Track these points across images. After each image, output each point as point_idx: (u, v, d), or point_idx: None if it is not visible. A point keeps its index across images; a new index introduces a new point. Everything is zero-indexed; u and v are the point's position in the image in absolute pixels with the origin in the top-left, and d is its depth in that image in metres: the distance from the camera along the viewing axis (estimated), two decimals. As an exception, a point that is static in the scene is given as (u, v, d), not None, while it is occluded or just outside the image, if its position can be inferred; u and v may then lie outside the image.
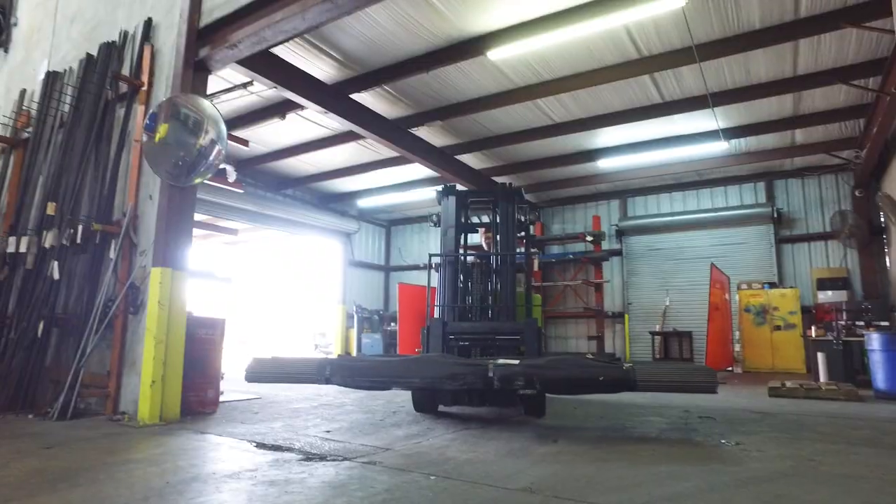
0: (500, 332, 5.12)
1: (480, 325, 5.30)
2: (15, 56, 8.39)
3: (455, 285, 5.57)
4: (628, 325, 13.00)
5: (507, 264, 5.55)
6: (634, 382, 3.74)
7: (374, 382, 4.13)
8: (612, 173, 12.20)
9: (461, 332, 5.20)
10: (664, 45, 7.30)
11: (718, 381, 3.82)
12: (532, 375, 3.86)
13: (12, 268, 6.15)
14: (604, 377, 3.80)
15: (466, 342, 5.19)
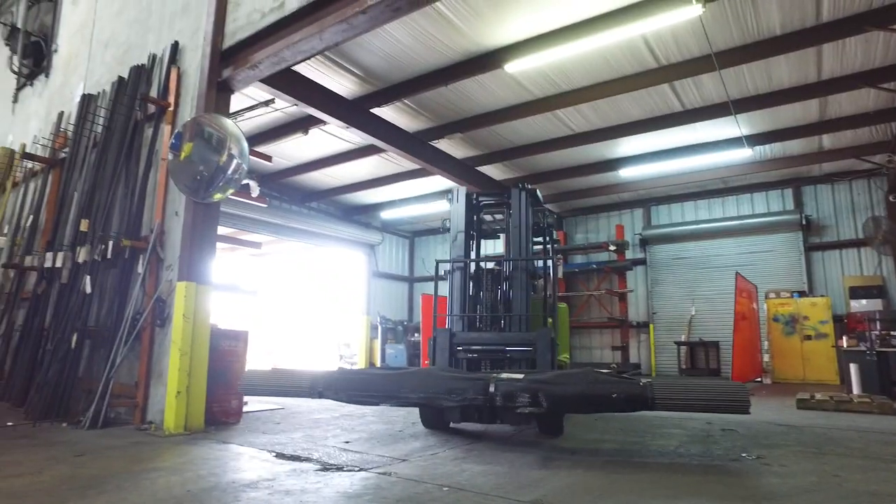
0: (510, 343, 4.75)
1: (490, 336, 4.90)
2: (55, 80, 8.80)
3: (464, 293, 5.24)
4: (653, 335, 12.82)
5: (519, 270, 5.13)
6: (652, 401, 3.36)
7: (368, 398, 3.92)
8: (635, 182, 12.10)
9: (469, 343, 4.87)
10: (683, 54, 7.26)
11: (749, 399, 3.29)
12: (537, 392, 3.56)
13: (49, 282, 6.42)
14: (616, 394, 3.43)
15: (475, 354, 4.86)
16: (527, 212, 5.27)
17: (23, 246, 7.48)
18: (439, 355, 4.80)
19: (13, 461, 3.45)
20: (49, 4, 9.57)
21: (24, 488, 2.82)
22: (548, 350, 4.51)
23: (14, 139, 9.31)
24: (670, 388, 3.43)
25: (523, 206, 5.28)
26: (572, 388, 3.57)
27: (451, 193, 5.58)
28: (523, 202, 5.30)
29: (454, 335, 4.90)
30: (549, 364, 4.44)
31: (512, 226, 5.33)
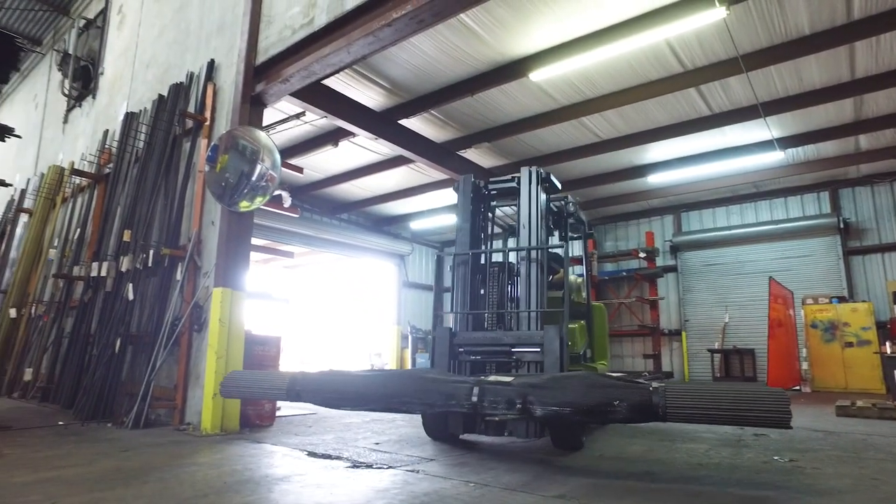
0: (516, 343, 4.19)
1: (494, 336, 4.33)
2: (101, 101, 9.27)
3: (467, 289, 4.66)
4: (686, 343, 12.59)
5: (529, 261, 4.47)
6: (663, 410, 2.82)
7: (342, 401, 3.61)
8: (664, 188, 11.98)
9: (471, 344, 4.37)
10: (708, 58, 7.23)
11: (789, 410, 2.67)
12: (527, 398, 3.09)
13: (95, 290, 6.74)
14: (619, 401, 2.91)
15: (478, 356, 4.38)
16: (537, 195, 4.59)
17: (71, 257, 7.87)
18: (438, 358, 4.38)
19: (66, 454, 3.66)
20: (97, 31, 10.12)
21: (77, 477, 3.01)
22: (557, 350, 3.94)
23: (64, 157, 9.83)
24: (688, 395, 2.84)
25: (533, 189, 4.63)
26: (567, 395, 3.05)
27: (458, 182, 5.04)
28: (533, 184, 4.64)
29: (454, 335, 4.43)
30: (557, 367, 3.92)
31: (521, 212, 4.60)
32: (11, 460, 3.46)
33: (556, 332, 4.00)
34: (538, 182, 4.64)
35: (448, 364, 4.34)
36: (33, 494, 2.66)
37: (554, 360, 3.95)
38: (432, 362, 4.46)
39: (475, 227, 4.89)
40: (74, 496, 2.63)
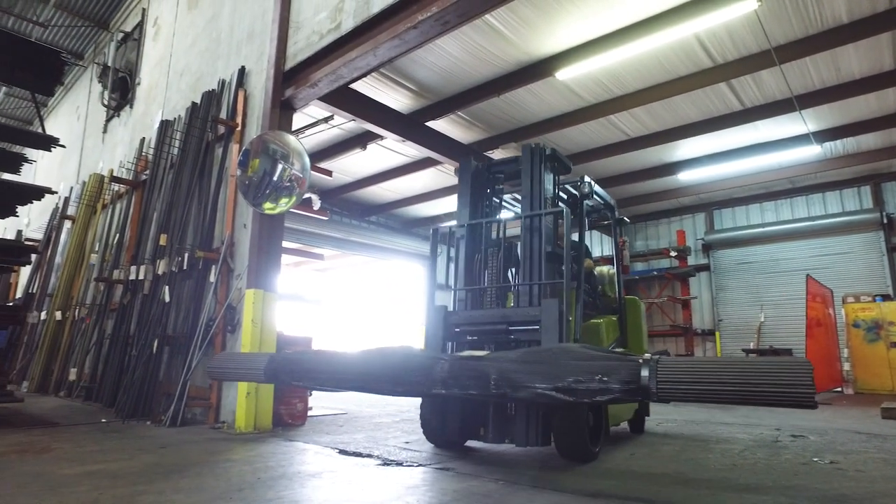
0: (513, 321, 3.78)
1: (490, 314, 3.96)
2: (137, 110, 9.59)
3: (466, 266, 4.34)
4: (720, 343, 12.31)
5: (530, 233, 4.05)
6: (654, 387, 2.41)
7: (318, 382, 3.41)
8: (696, 186, 11.75)
9: (466, 323, 4.04)
10: (739, 51, 7.08)
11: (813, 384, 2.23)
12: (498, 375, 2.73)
13: (133, 293, 6.97)
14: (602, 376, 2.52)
15: (474, 336, 4.06)
16: (540, 172, 4.20)
17: (111, 261, 8.15)
18: (430, 338, 4.05)
19: (109, 450, 3.80)
20: (134, 43, 10.48)
21: (120, 471, 3.12)
22: (555, 326, 3.48)
23: (104, 165, 10.19)
24: (686, 369, 2.42)
25: (536, 167, 4.24)
26: (542, 369, 2.66)
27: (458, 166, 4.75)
28: (536, 161, 4.26)
29: (449, 314, 4.09)
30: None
31: (524, 190, 4.25)
32: (60, 454, 3.61)
33: (555, 305, 3.54)
34: (542, 159, 4.23)
35: (442, 345, 3.98)
36: (81, 486, 2.77)
37: (552, 337, 3.49)
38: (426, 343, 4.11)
39: (477, 211, 4.54)
40: (118, 488, 2.73)
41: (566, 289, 3.63)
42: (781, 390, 2.22)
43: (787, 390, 2.21)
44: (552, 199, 4.26)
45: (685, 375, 2.40)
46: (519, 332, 3.81)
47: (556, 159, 4.34)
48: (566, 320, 3.52)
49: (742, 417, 6.05)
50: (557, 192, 4.40)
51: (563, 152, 10.41)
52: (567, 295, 3.60)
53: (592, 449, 3.59)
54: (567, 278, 3.72)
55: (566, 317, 3.52)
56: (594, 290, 4.98)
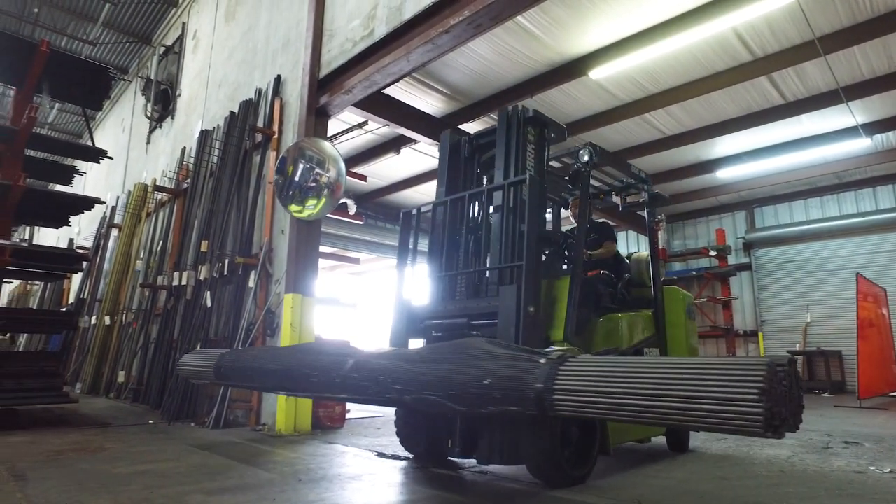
0: (475, 314, 3.35)
1: (453, 307, 3.52)
2: (178, 121, 9.91)
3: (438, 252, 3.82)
4: (763, 344, 11.91)
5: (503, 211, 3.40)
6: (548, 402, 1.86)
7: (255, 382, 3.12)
8: (735, 183, 11.43)
9: (430, 317, 3.60)
10: (780, 43, 6.85)
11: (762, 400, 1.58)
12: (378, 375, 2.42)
13: (177, 298, 7.19)
14: (490, 381, 2.02)
15: (440, 331, 3.57)
16: (519, 141, 3.54)
17: (155, 267, 8.44)
18: (394, 335, 3.62)
19: (157, 450, 3.93)
20: (174, 56, 10.84)
21: (168, 471, 3.22)
22: (512, 320, 2.97)
23: (147, 175, 10.56)
24: (596, 374, 1.83)
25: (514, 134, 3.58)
26: (431, 369, 2.26)
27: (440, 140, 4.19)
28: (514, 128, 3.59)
29: (413, 308, 3.67)
30: (511, 339, 2.94)
31: (497, 163, 3.63)
32: (112, 454, 3.75)
33: (512, 294, 3.02)
34: (520, 124, 3.57)
35: (404, 342, 3.60)
36: (133, 484, 2.88)
37: (508, 330, 2.98)
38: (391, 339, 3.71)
39: (455, 190, 3.95)
40: (167, 488, 2.82)
41: (525, 274, 3.04)
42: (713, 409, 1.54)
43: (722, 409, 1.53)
44: (539, 171, 3.55)
45: (594, 383, 1.80)
46: (483, 327, 3.29)
47: (543, 124, 3.66)
48: (524, 311, 2.96)
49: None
50: (547, 162, 3.69)
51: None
52: (526, 281, 3.02)
53: (571, 471, 2.96)
54: (529, 260, 3.08)
55: (525, 307, 2.97)
56: (618, 280, 4.30)
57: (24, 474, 3.06)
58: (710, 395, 1.56)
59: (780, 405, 1.52)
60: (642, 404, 1.69)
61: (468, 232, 3.74)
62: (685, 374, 1.67)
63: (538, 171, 3.53)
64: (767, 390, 1.48)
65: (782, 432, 1.53)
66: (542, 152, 3.63)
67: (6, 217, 5.63)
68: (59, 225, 7.10)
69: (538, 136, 3.62)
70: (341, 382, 2.52)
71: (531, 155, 3.51)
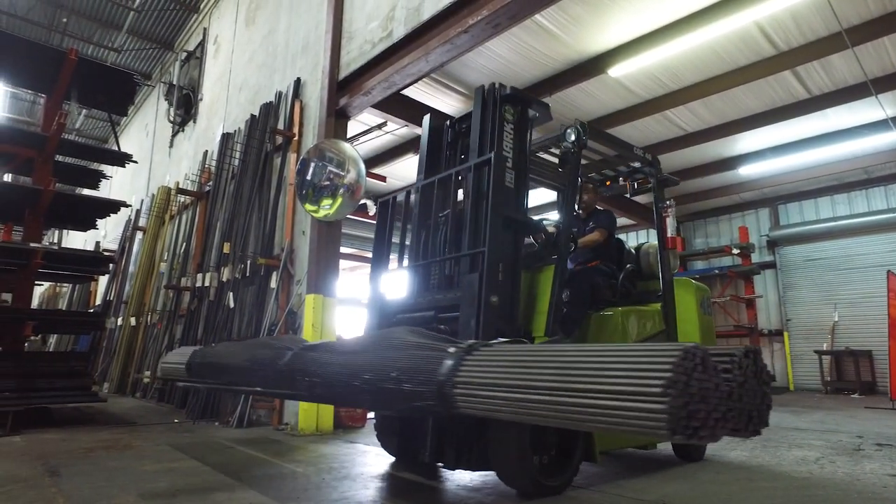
0: (440, 307, 3.11)
1: (420, 300, 3.30)
2: (200, 124, 10.07)
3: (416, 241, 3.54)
4: (788, 344, 11.68)
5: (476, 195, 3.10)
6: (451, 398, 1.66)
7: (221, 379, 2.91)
8: (758, 180, 11.22)
9: (401, 311, 3.37)
10: (805, 36, 6.72)
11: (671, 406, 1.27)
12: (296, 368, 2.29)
13: (200, 299, 7.31)
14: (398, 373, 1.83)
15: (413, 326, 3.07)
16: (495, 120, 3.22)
17: (179, 269, 8.59)
18: (367, 330, 3.40)
19: (183, 448, 4.00)
20: (196, 61, 11.02)
21: (192, 469, 3.28)
22: (472, 312, 2.77)
23: (170, 178, 10.75)
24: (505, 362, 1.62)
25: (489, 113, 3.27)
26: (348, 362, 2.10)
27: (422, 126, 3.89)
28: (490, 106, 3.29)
29: (386, 302, 3.46)
30: (472, 331, 2.74)
31: (471, 144, 3.34)
32: (140, 451, 3.83)
33: (474, 283, 2.81)
34: (497, 102, 3.26)
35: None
36: (160, 482, 2.93)
37: (468, 323, 2.75)
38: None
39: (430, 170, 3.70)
40: (193, 486, 2.87)
41: (487, 261, 2.79)
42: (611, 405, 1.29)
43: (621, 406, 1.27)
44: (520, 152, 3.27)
45: (495, 375, 1.58)
46: (450, 321, 3.02)
47: (523, 101, 3.36)
48: (485, 302, 2.72)
49: (816, 423, 5.72)
50: (529, 142, 3.39)
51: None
52: (488, 269, 2.78)
53: (545, 481, 2.71)
54: (492, 247, 2.83)
55: (487, 297, 2.73)
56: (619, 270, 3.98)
57: (58, 470, 3.14)
58: (610, 388, 1.31)
59: (704, 402, 1.25)
60: (540, 400, 1.43)
61: (442, 219, 3.44)
62: (587, 362, 1.43)
63: (518, 153, 3.24)
64: (677, 383, 1.20)
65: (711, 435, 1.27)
66: (524, 133, 3.34)
67: (38, 221, 5.78)
68: (86, 228, 7.28)
69: (518, 116, 3.32)
70: (276, 377, 2.39)
71: (509, 135, 3.23)
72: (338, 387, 2.06)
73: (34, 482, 2.85)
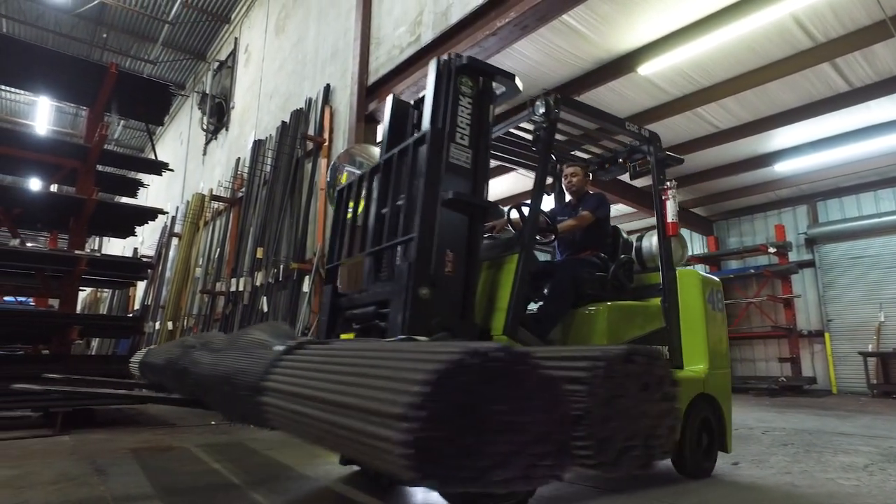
0: (380, 301, 2.78)
1: (367, 294, 2.98)
2: (232, 132, 10.31)
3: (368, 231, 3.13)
4: (830, 345, 11.30)
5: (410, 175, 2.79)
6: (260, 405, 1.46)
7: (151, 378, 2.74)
8: (795, 176, 10.89)
9: (350, 306, 3.07)
10: (845, 26, 6.50)
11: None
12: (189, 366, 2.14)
13: (234, 303, 7.47)
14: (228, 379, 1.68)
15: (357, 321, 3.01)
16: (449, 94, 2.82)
17: (213, 274, 8.80)
18: (321, 327, 3.22)
19: (220, 450, 4.10)
20: (228, 70, 11.29)
21: (232, 470, 3.35)
22: (400, 308, 2.47)
23: (204, 185, 11.02)
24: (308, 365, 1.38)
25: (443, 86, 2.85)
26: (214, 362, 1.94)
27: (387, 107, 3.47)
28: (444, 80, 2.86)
29: (338, 295, 3.19)
30: (399, 326, 2.44)
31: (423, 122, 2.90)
32: (180, 453, 3.93)
33: (403, 274, 2.51)
34: (450, 75, 2.85)
35: (328, 331, 3.17)
36: (200, 482, 3.01)
37: (396, 319, 2.49)
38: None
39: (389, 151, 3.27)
40: (231, 486, 2.93)
41: (417, 249, 2.51)
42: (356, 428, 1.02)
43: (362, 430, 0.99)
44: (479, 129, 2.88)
45: (298, 382, 1.32)
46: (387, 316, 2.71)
47: (482, 73, 2.94)
48: (413, 295, 2.44)
49: (863, 428, 5.52)
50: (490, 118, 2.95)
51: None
52: (418, 258, 2.49)
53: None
54: (423, 233, 2.53)
55: (415, 289, 2.44)
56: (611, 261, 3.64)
57: (105, 469, 3.25)
58: (359, 403, 1.01)
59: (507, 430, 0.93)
60: (316, 416, 1.15)
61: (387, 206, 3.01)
62: (355, 367, 1.16)
63: (477, 129, 2.86)
64: (433, 402, 0.87)
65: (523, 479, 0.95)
66: (484, 107, 2.92)
67: (81, 229, 6.00)
68: (126, 235, 7.51)
69: (479, 89, 2.91)
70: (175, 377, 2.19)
71: (466, 110, 2.83)
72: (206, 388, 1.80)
73: (84, 480, 2.96)
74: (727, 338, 3.66)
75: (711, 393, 3.31)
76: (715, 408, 3.34)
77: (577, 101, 3.40)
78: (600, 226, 3.72)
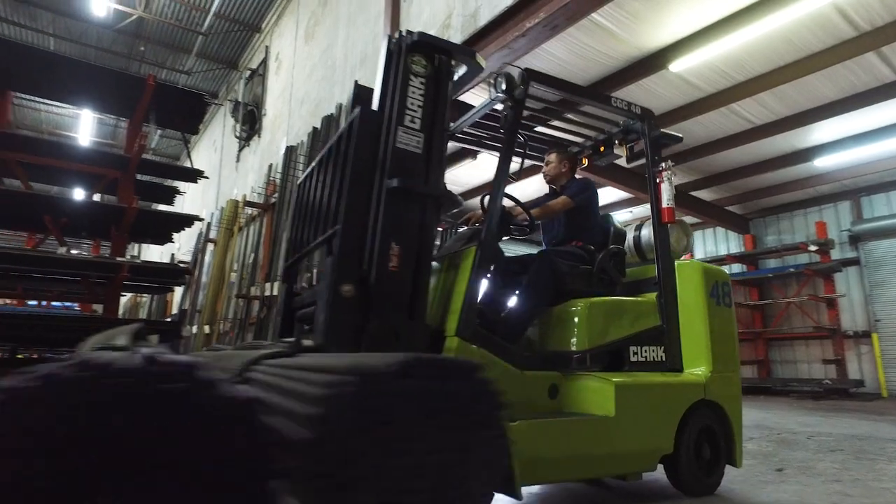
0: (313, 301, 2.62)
1: (311, 292, 2.85)
2: (265, 139, 10.51)
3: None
4: (878, 346, 10.86)
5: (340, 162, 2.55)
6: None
7: None
8: (836, 171, 10.52)
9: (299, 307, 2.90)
10: (892, 13, 6.23)
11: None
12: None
13: (269, 308, 7.60)
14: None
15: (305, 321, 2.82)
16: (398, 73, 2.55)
17: (248, 279, 8.96)
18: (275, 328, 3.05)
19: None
20: (259, 78, 11.53)
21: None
22: (322, 308, 2.26)
23: (238, 192, 11.26)
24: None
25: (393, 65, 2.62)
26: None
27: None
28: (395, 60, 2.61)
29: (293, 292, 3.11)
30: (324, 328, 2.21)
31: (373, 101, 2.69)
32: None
33: (330, 272, 2.28)
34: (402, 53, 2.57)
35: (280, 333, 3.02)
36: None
37: (319, 317, 2.28)
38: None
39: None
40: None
41: (340, 242, 2.30)
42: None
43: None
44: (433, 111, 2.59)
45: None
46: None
47: (436, 50, 2.65)
48: (335, 292, 2.23)
49: (915, 432, 5.29)
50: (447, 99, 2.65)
51: (682, 147, 9.69)
52: (341, 252, 2.29)
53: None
54: (348, 224, 2.33)
55: (337, 286, 2.24)
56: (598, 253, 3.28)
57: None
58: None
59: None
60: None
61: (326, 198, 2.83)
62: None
63: (432, 112, 2.58)
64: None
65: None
66: (441, 88, 2.63)
67: (122, 236, 6.19)
68: (163, 242, 7.70)
69: (434, 69, 2.63)
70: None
71: (418, 91, 2.55)
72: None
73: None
74: (736, 336, 3.27)
75: (715, 399, 2.94)
76: (720, 416, 2.97)
77: (548, 75, 3.07)
78: (585, 214, 3.40)
